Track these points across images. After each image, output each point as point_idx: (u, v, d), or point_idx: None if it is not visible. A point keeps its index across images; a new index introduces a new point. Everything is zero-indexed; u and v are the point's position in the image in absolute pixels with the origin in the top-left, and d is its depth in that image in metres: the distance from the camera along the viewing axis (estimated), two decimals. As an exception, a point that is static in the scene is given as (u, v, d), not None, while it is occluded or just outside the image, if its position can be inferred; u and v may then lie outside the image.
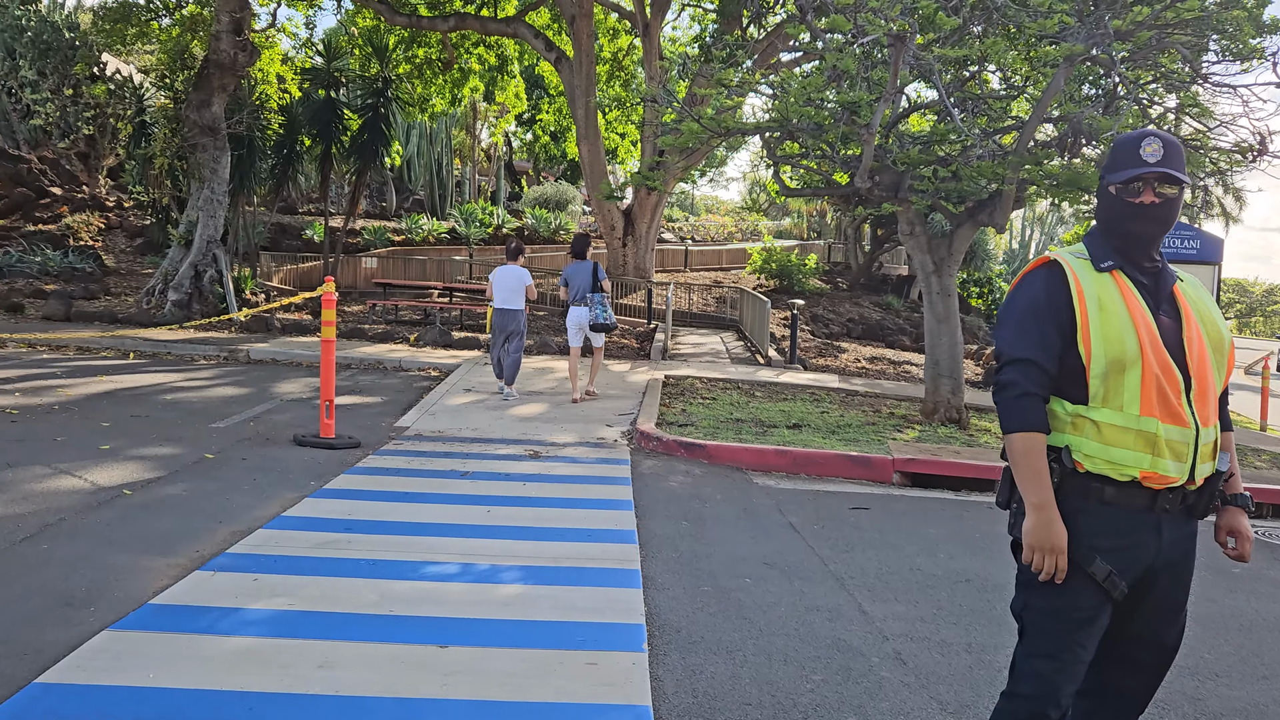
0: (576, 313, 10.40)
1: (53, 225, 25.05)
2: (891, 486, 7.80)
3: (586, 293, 10.31)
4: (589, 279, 10.33)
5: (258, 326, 14.62)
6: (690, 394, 11.47)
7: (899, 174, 9.93)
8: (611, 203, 25.74)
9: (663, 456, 8.07)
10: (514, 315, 10.26)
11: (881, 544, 5.80)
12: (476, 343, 14.55)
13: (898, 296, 33.87)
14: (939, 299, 10.28)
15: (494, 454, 7.63)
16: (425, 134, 39.22)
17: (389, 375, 12.02)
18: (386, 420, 8.96)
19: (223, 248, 15.78)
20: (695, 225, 47.70)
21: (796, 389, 12.48)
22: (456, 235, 31.36)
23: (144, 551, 4.57)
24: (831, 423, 9.88)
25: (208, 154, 15.56)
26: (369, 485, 6.29)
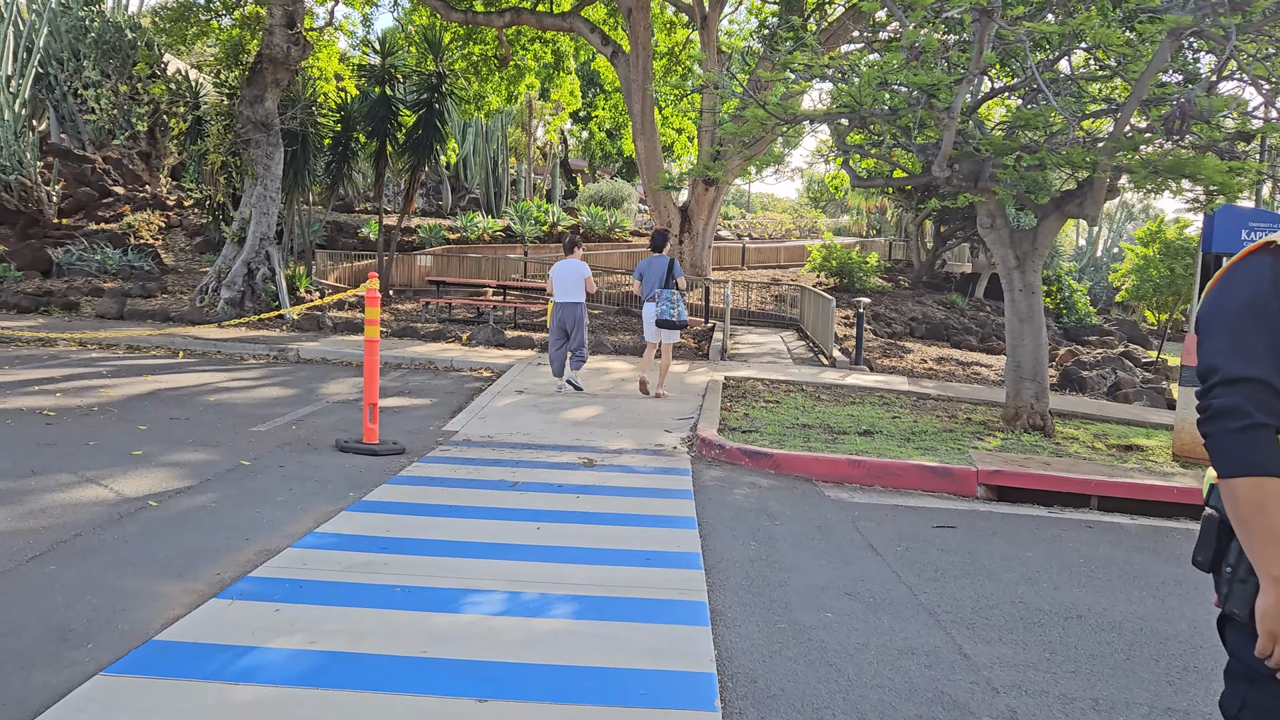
0: (648, 308, 10.22)
1: (115, 224, 25.25)
2: (975, 501, 7.16)
3: (658, 288, 10.06)
4: (663, 274, 10.06)
5: (309, 325, 14.36)
6: (752, 397, 10.90)
7: (979, 162, 9.24)
8: (668, 198, 25.20)
9: (726, 466, 7.51)
10: (573, 309, 10.22)
11: (974, 570, 5.18)
12: (530, 342, 14.12)
13: (962, 295, 32.84)
14: (1022, 297, 9.57)
15: (546, 462, 7.15)
16: (481, 132, 39.08)
17: (440, 376, 11.63)
18: (435, 424, 8.53)
19: (276, 245, 15.56)
20: (752, 222, 46.97)
21: (864, 392, 11.83)
22: (511, 233, 31.09)
23: (159, 574, 4.16)
24: (905, 429, 9.23)
25: (260, 150, 15.35)
26: (411, 497, 5.84)
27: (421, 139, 19.97)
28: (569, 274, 10.23)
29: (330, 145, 20.82)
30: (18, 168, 22.55)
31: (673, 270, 10.08)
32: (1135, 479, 7.41)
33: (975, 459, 7.83)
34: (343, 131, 20.67)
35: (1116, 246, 57.62)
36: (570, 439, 8.11)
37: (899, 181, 9.78)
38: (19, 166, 22.59)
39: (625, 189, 39.45)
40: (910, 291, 32.55)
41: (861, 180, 9.70)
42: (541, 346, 14.07)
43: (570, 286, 10.21)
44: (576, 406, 9.67)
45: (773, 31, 13.67)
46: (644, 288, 10.21)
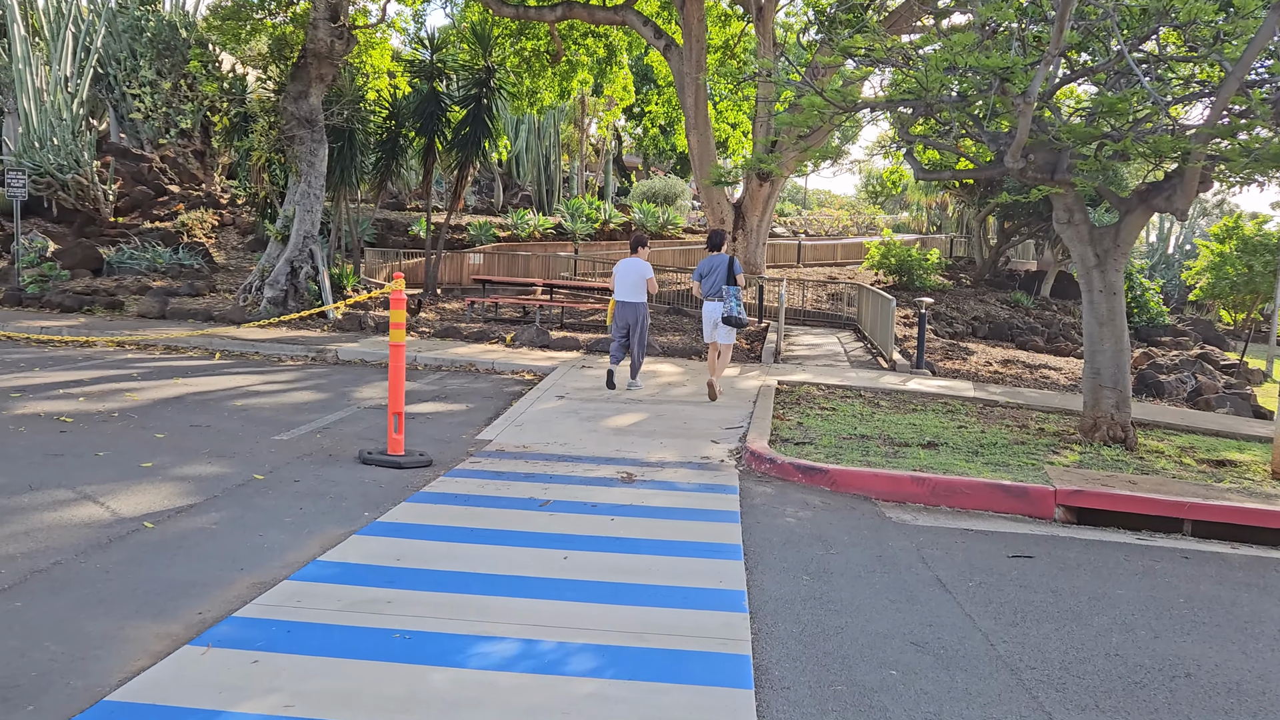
0: (709, 307, 10.10)
1: (169, 223, 25.37)
2: (1054, 525, 6.49)
3: (721, 286, 9.95)
4: (724, 273, 9.96)
5: (351, 325, 14.04)
6: (806, 403, 10.27)
7: (1057, 151, 8.52)
8: (721, 194, 24.58)
9: (777, 482, 6.92)
10: (635, 308, 10.18)
11: (1059, 612, 4.55)
12: (575, 343, 13.64)
13: (1026, 293, 31.69)
14: (1102, 298, 8.82)
15: (581, 476, 6.63)
16: (534, 129, 38.78)
17: (480, 378, 11.19)
18: (468, 432, 8.07)
19: (320, 243, 15.29)
20: (808, 219, 46.07)
21: (926, 398, 11.13)
22: (562, 231, 30.71)
23: (134, 613, 3.71)
24: (972, 441, 8.55)
25: (304, 147, 15.07)
26: (431, 518, 5.36)
27: (470, 135, 19.61)
28: (632, 273, 10.16)
29: (379, 142, 20.57)
30: (74, 167, 22.70)
31: (733, 268, 9.94)
32: (1234, 501, 6.67)
33: (1052, 476, 7.14)
34: (392, 128, 20.40)
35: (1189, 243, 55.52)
36: (610, 450, 7.59)
37: (967, 174, 9.08)
38: (76, 166, 22.74)
39: (679, 185, 38.87)
40: (972, 290, 31.50)
41: (926, 172, 9.02)
42: (587, 348, 13.59)
43: (632, 286, 10.15)
44: (618, 413, 9.14)
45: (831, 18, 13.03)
46: (704, 287, 10.10)
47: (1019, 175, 8.39)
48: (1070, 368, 18.04)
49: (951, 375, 14.04)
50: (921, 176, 8.82)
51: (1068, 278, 33.66)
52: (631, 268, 10.18)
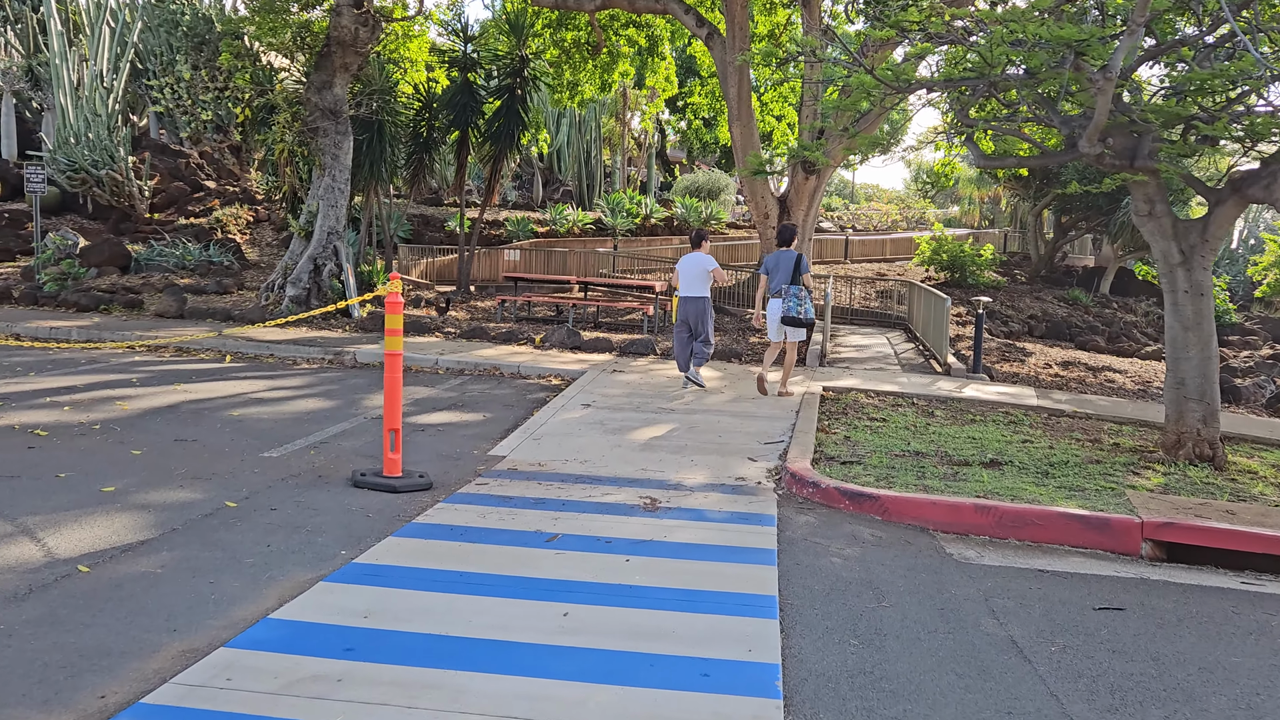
0: (773, 304, 9.94)
1: (204, 219, 25.10)
2: (1141, 563, 5.61)
3: (785, 284, 9.75)
4: (790, 270, 9.76)
5: (374, 325, 13.44)
6: (854, 412, 9.43)
7: (1137, 135, 7.59)
8: (765, 188, 23.70)
9: (820, 509, 6.12)
10: (697, 303, 10.09)
11: (1163, 689, 3.71)
12: (608, 345, 12.89)
13: (1085, 290, 30.37)
14: (1187, 300, 7.87)
15: (598, 503, 5.88)
16: (575, 123, 38.12)
17: (502, 384, 10.50)
18: (481, 446, 7.36)
19: (344, 239, 14.71)
20: (856, 213, 44.93)
21: (986, 407, 10.23)
22: (602, 226, 30.01)
23: (21, 697, 3.03)
24: (1040, 458, 7.66)
25: (328, 139, 14.50)
26: (416, 557, 4.64)
27: (503, 128, 18.96)
28: (694, 268, 10.10)
29: (412, 135, 20.01)
30: (109, 163, 22.46)
31: (800, 265, 9.72)
32: (1356, 538, 5.74)
33: (1135, 504, 6.25)
34: (424, 121, 19.83)
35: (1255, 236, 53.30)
36: (634, 468, 6.83)
37: (1033, 161, 8.17)
38: (110, 162, 22.49)
39: (723, 180, 37.98)
40: (1028, 287, 30.27)
41: (988, 160, 8.12)
42: (621, 349, 12.85)
43: (695, 280, 10.10)
44: (647, 424, 8.38)
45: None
46: (771, 283, 9.91)
47: (1095, 161, 7.47)
48: (1136, 370, 16.94)
49: (1010, 380, 13.08)
50: (982, 164, 7.93)
51: (1128, 274, 32.24)
52: (694, 262, 10.11)
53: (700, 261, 10.14)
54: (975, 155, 7.84)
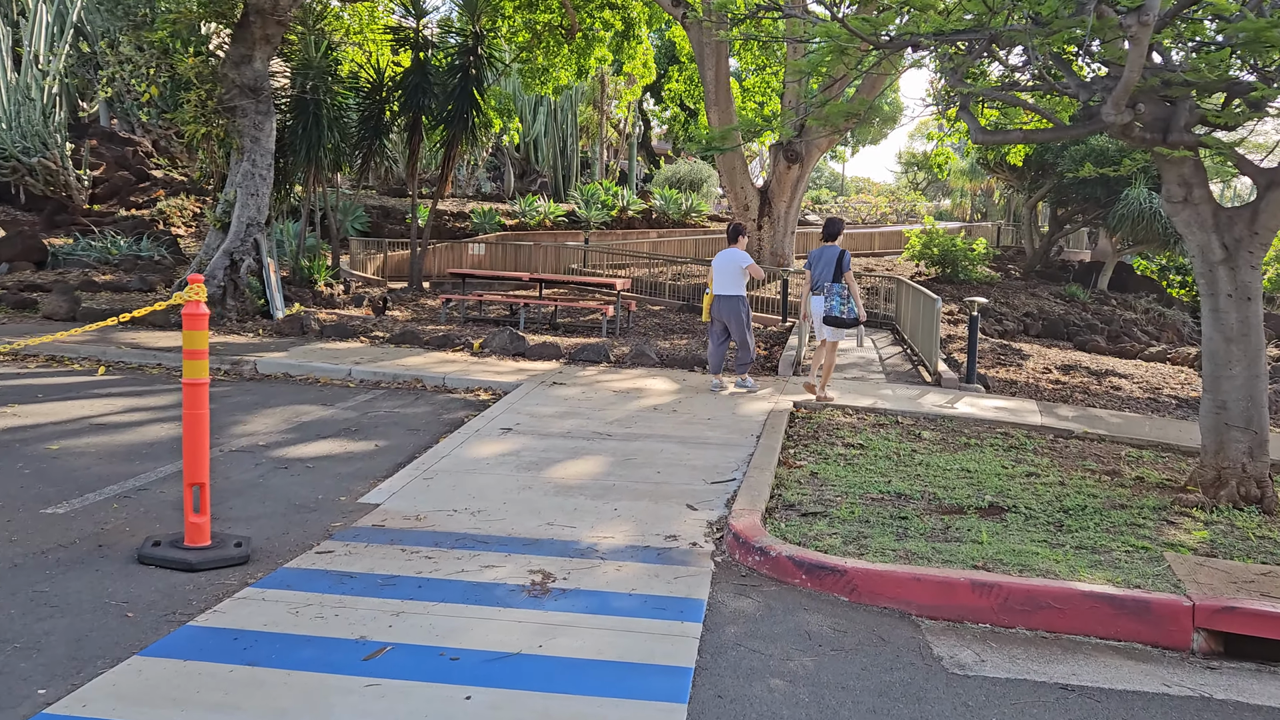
0: (815, 302, 9.44)
1: (147, 210, 23.55)
2: (1194, 663, 4.18)
3: (827, 281, 9.24)
4: (832, 266, 9.22)
5: (292, 329, 11.91)
6: (827, 436, 7.96)
7: (1170, 103, 6.13)
8: (745, 178, 22.24)
9: (769, 585, 4.65)
10: (732, 302, 9.71)
11: None
12: (556, 351, 11.40)
13: (1083, 286, 28.93)
14: (1231, 305, 6.42)
15: (471, 580, 4.40)
16: (552, 111, 36.58)
17: (420, 400, 9.00)
18: (354, 489, 5.88)
19: (266, 232, 13.18)
20: (845, 206, 43.50)
21: (981, 427, 8.78)
22: (576, 219, 28.50)
23: None
24: (1050, 500, 6.21)
25: (248, 119, 12.96)
26: (151, 697, 3.15)
27: (456, 111, 17.41)
28: (729, 264, 9.71)
29: (363, 120, 18.47)
30: (41, 150, 20.85)
31: (842, 262, 9.21)
32: None
33: (1179, 574, 4.81)
34: (375, 104, 18.28)
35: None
36: (539, 522, 5.35)
37: (1044, 135, 6.69)
38: (43, 149, 20.89)
39: (705, 171, 36.47)
40: (1022, 282, 28.83)
41: (987, 134, 6.63)
42: (570, 356, 11.37)
43: (730, 278, 9.69)
44: (575, 455, 6.89)
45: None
46: (812, 279, 9.44)
47: (1121, 134, 6.01)
48: (1141, 374, 15.53)
49: (1008, 391, 11.64)
50: (982, 140, 6.46)
51: (1126, 269, 30.84)
52: (729, 258, 9.71)
53: (736, 258, 9.68)
54: (973, 129, 6.36)
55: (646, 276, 21.37)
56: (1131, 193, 26.86)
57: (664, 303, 19.45)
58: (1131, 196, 26.80)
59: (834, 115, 6.93)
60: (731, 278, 9.71)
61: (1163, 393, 13.51)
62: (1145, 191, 26.80)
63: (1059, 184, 29.14)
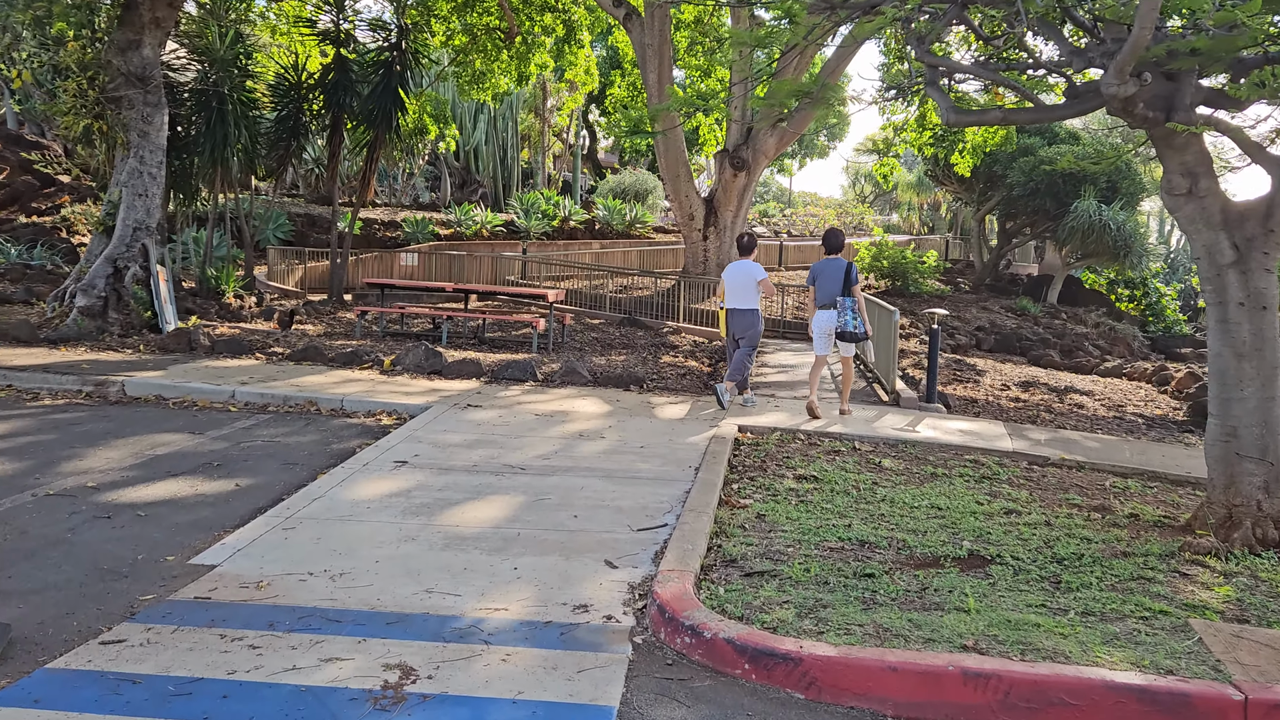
0: (824, 317, 8.95)
1: (50, 216, 21.95)
2: (1256, 781, 3.16)
3: (836, 295, 8.83)
4: (840, 280, 8.85)
5: (178, 344, 10.60)
6: (776, 467, 6.92)
7: (1173, 77, 5.21)
8: (690, 185, 21.26)
9: (705, 678, 3.56)
10: (747, 316, 9.27)
11: None
12: (476, 368, 10.25)
13: (1033, 299, 28.45)
14: (1243, 315, 5.50)
15: (298, 683, 3.26)
16: (492, 119, 35.42)
17: (310, 426, 7.80)
18: (188, 546, 4.70)
19: (155, 237, 11.85)
20: (793, 218, 42.86)
21: (949, 453, 7.82)
22: (515, 229, 27.30)
23: None
24: (1038, 546, 5.23)
25: (135, 112, 11.65)
26: None
27: (379, 109, 16.19)
28: (743, 276, 9.28)
29: (280, 120, 17.18)
30: (-74, 151, 19.19)
31: (850, 275, 8.82)
32: None
33: (1215, 650, 3.84)
34: (293, 103, 17.00)
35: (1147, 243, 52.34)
36: (416, 587, 4.22)
37: (1027, 116, 5.74)
38: (-72, 150, 19.23)
39: (650, 181, 35.53)
40: (973, 296, 28.28)
41: (962, 114, 5.66)
42: (493, 374, 10.24)
43: (745, 291, 9.26)
44: (477, 495, 5.76)
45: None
46: (818, 294, 9.01)
47: (1122, 109, 5.07)
48: (1101, 390, 14.80)
49: (970, 410, 10.74)
50: (955, 120, 5.47)
51: (1076, 283, 30.47)
52: (743, 271, 9.30)
53: (750, 270, 9.28)
54: (944, 108, 5.38)
55: (587, 289, 20.29)
56: (1081, 205, 26.43)
57: (605, 316, 18.37)
58: (1081, 209, 26.37)
59: (782, 93, 5.92)
60: (746, 291, 9.25)
61: (1127, 410, 12.75)
62: (1095, 204, 26.39)
63: (1008, 196, 28.67)
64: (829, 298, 8.86)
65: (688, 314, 17.85)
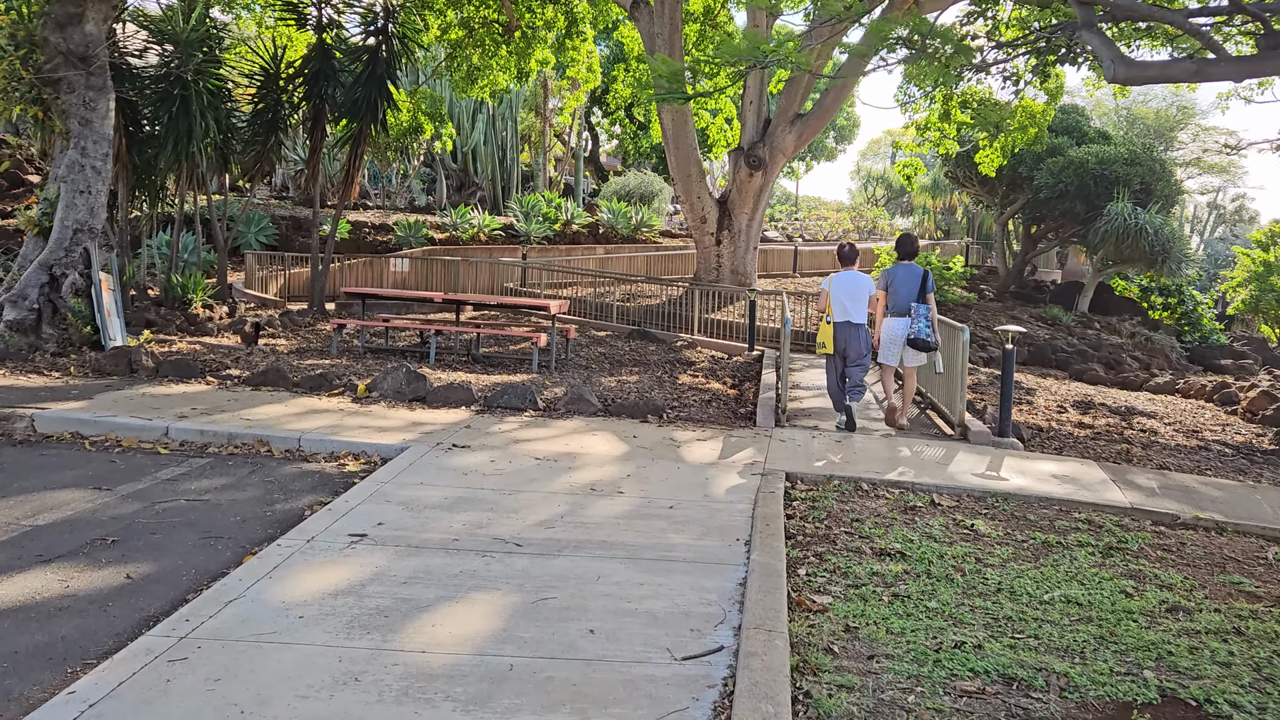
0: (896, 324, 8.61)
1: (14, 219, 20.43)
2: None
3: (912, 301, 8.51)
4: (916, 286, 8.55)
5: (116, 366, 9.01)
6: (846, 533, 5.36)
7: None
8: (703, 186, 19.70)
9: None
10: (860, 331, 8.73)
11: None
12: (467, 395, 8.69)
13: (1064, 308, 26.86)
14: None
15: None
16: (491, 119, 33.90)
17: (256, 474, 6.23)
18: (20, 695, 3.15)
19: (97, 240, 10.29)
20: (804, 222, 41.34)
21: (1050, 508, 6.25)
22: (514, 233, 25.74)
23: None
24: (1249, 677, 3.67)
25: (76, 96, 10.12)
26: None
27: (364, 99, 14.64)
28: (855, 288, 8.74)
29: (256, 111, 15.66)
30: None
31: (927, 282, 8.60)
32: None
33: None
34: (271, 94, 15.47)
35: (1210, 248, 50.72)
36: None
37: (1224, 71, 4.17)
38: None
39: (656, 183, 33.98)
40: (999, 304, 26.72)
41: (1136, 69, 4.07)
42: (486, 402, 8.68)
43: (856, 303, 8.71)
44: (453, 597, 4.19)
45: None
46: (891, 300, 8.65)
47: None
48: (1165, 411, 13.23)
49: (1043, 443, 9.16)
50: (1125, 77, 3.82)
51: (1106, 290, 28.87)
52: (854, 282, 8.78)
53: (862, 282, 8.77)
54: (1109, 59, 3.82)
55: (592, 297, 18.73)
56: (1115, 208, 24.88)
57: (611, 327, 16.81)
58: (1115, 212, 24.82)
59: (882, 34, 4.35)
60: (858, 303, 8.73)
61: (1205, 437, 11.22)
62: (1130, 206, 24.83)
63: (1034, 199, 27.13)
64: (904, 304, 8.51)
65: (703, 325, 16.29)
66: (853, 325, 8.71)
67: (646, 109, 32.08)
